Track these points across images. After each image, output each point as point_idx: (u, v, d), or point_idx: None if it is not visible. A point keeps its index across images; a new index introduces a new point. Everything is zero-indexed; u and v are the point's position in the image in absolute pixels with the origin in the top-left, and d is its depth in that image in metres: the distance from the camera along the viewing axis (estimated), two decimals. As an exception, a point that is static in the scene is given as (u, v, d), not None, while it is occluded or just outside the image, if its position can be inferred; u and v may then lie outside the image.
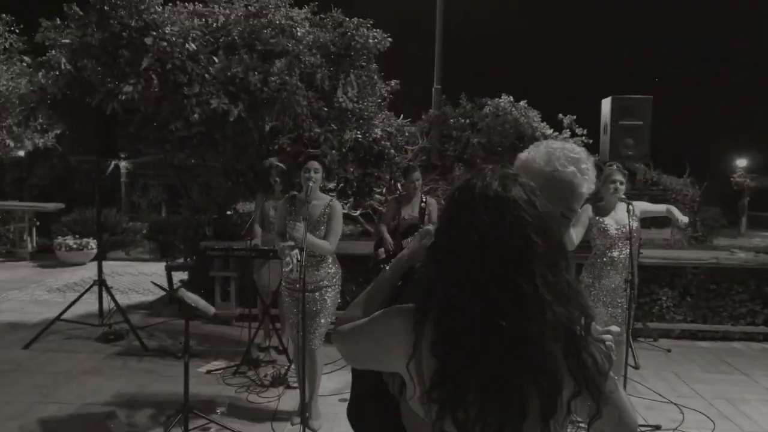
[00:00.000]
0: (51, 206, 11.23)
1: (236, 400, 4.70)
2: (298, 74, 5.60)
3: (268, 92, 5.53)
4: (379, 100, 7.96)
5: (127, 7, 5.01)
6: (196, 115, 5.29)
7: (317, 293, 4.23)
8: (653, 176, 11.65)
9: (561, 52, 15.23)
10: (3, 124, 8.17)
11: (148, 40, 4.89)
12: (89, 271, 9.79)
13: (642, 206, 4.66)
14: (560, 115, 10.74)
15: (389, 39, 6.57)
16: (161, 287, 4.11)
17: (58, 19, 5.36)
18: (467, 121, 11.01)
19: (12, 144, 8.76)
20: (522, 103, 10.80)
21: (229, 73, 5.51)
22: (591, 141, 10.23)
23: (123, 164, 16.39)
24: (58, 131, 7.68)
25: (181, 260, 7.62)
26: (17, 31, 8.56)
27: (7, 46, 8.69)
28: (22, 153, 10.28)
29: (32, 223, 10.94)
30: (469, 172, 5.02)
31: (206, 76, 5.35)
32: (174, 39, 5.04)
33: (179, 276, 7.65)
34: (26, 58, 7.05)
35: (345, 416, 1.70)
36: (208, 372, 5.27)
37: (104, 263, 9.63)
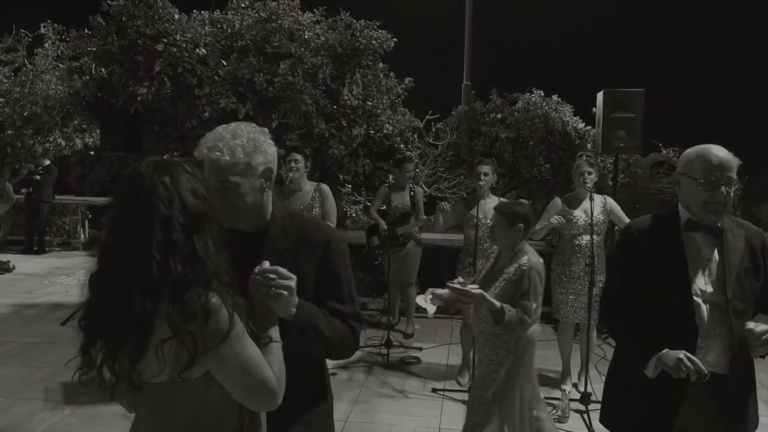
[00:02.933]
0: (102, 200, 12.14)
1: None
2: (300, 74, 6.02)
3: (273, 92, 5.98)
4: (394, 98, 8.33)
5: (143, 17, 5.56)
6: (207, 114, 5.80)
7: None
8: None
9: (597, 45, 15.12)
10: (53, 124, 8.96)
11: (160, 47, 5.43)
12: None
13: (615, 207, 4.84)
14: (594, 109, 10.77)
15: (394, 39, 6.92)
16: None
17: (86, 29, 5.98)
18: (497, 116, 11.16)
19: (63, 143, 9.58)
20: (554, 97, 10.87)
21: (239, 75, 5.99)
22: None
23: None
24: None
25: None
26: (67, 39, 9.33)
27: (59, 54, 9.48)
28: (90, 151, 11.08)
29: (85, 215, 11.88)
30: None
31: (216, 78, 5.85)
32: (184, 45, 5.56)
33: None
34: (61, 65, 7.79)
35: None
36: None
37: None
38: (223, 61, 5.92)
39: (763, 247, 2.30)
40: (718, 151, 2.24)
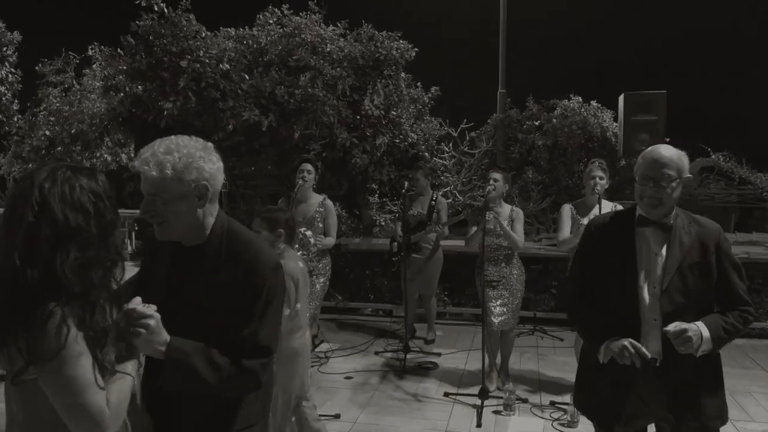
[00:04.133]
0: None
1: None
2: (320, 86, 6.19)
3: (295, 103, 6.17)
4: (420, 107, 8.43)
5: (168, 36, 5.85)
6: (230, 126, 6.04)
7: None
8: (741, 173, 11.13)
9: (637, 48, 14.86)
10: (97, 142, 9.46)
11: (183, 63, 5.70)
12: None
13: None
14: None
15: (415, 49, 7.03)
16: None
17: (119, 49, 6.33)
18: (535, 123, 11.09)
19: (109, 158, 10.09)
20: (593, 103, 10.73)
21: (262, 88, 6.22)
22: (668, 140, 10.08)
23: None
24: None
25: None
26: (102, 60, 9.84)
27: (107, 74, 9.99)
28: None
29: (131, 227, 12.40)
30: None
31: (239, 91, 6.08)
32: (207, 61, 5.81)
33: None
34: (98, 83, 8.26)
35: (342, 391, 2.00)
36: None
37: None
38: (246, 75, 6.15)
39: (717, 244, 2.34)
40: (656, 149, 2.35)
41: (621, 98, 6.22)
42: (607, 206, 4.64)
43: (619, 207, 4.81)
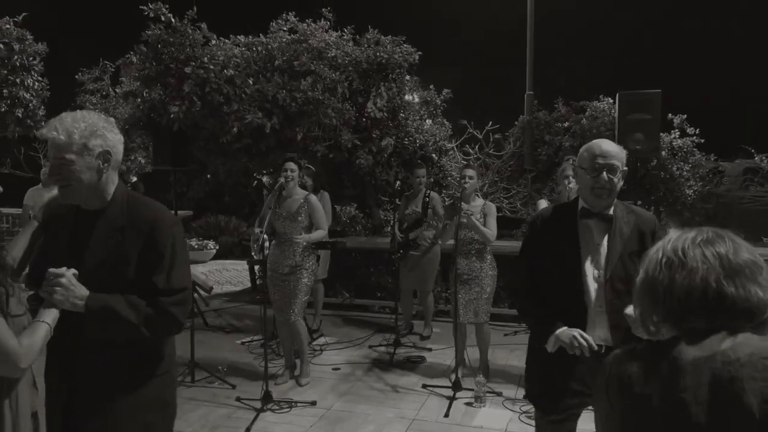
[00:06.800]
0: (182, 213, 13.25)
1: (249, 365, 5.61)
2: (320, 90, 6.43)
3: (296, 106, 6.43)
4: (431, 109, 8.58)
5: (176, 44, 6.21)
6: (235, 129, 6.35)
7: (293, 275, 5.00)
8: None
9: (673, 47, 14.48)
10: (131, 145, 9.96)
11: (188, 70, 6.04)
12: (206, 267, 11.50)
13: None
14: (670, 115, 10.41)
15: (419, 53, 7.20)
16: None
17: (133, 57, 6.75)
18: (564, 124, 11.03)
19: (143, 161, 10.62)
20: (624, 104, 10.60)
21: (266, 92, 6.51)
22: (703, 141, 9.96)
23: (265, 179, 18.46)
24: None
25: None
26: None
27: (126, 81, 10.53)
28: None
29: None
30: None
31: (243, 95, 6.38)
32: (212, 67, 6.14)
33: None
34: (116, 90, 8.72)
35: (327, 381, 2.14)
36: (242, 343, 6.27)
37: (221, 261, 11.21)
38: (250, 80, 6.45)
39: (653, 232, 2.45)
40: (602, 143, 2.46)
41: (617, 97, 6.21)
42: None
43: None
